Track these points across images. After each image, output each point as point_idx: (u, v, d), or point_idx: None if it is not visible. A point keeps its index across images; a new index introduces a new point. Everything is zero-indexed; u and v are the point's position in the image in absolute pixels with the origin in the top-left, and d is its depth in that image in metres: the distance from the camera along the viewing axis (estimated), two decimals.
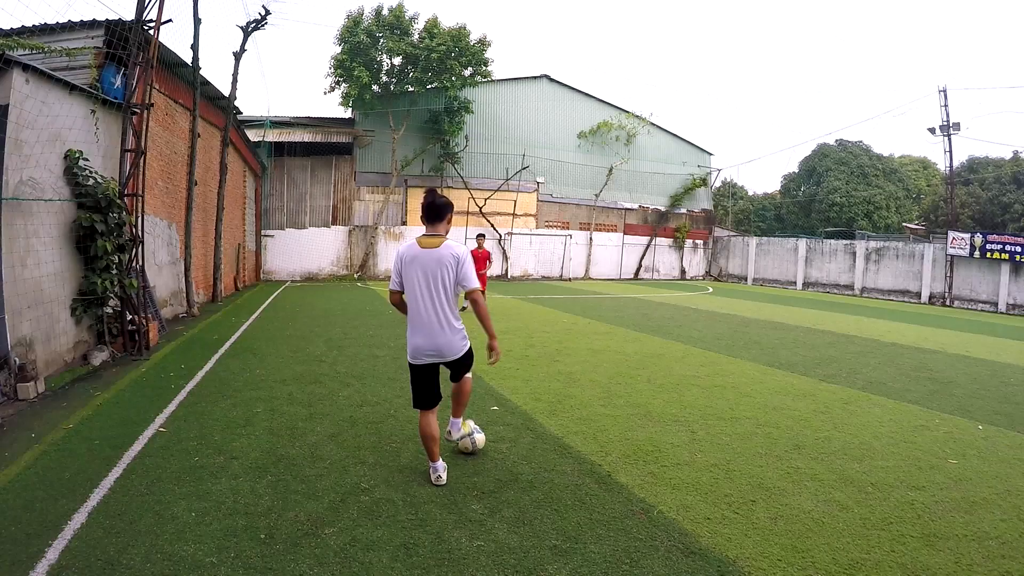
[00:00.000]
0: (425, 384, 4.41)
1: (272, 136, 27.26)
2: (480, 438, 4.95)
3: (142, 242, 9.11)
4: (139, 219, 9.16)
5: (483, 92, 30.27)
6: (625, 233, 35.44)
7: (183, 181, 13.53)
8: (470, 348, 4.56)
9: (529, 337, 11.42)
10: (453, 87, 26.57)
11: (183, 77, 13.55)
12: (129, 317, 8.80)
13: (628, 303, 19.95)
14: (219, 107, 17.03)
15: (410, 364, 4.43)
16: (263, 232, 27.08)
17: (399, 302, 4.46)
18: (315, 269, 27.87)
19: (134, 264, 8.96)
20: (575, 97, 34.00)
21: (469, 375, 4.75)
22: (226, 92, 16.50)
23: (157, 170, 12.23)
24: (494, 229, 30.59)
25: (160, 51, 11.11)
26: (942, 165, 58.43)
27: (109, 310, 8.58)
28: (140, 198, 9.15)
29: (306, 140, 27.79)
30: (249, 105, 40.90)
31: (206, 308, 14.86)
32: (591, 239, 33.98)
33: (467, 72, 27.42)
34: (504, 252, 31.25)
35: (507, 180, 30.55)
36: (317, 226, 28.23)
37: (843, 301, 26.92)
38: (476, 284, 4.38)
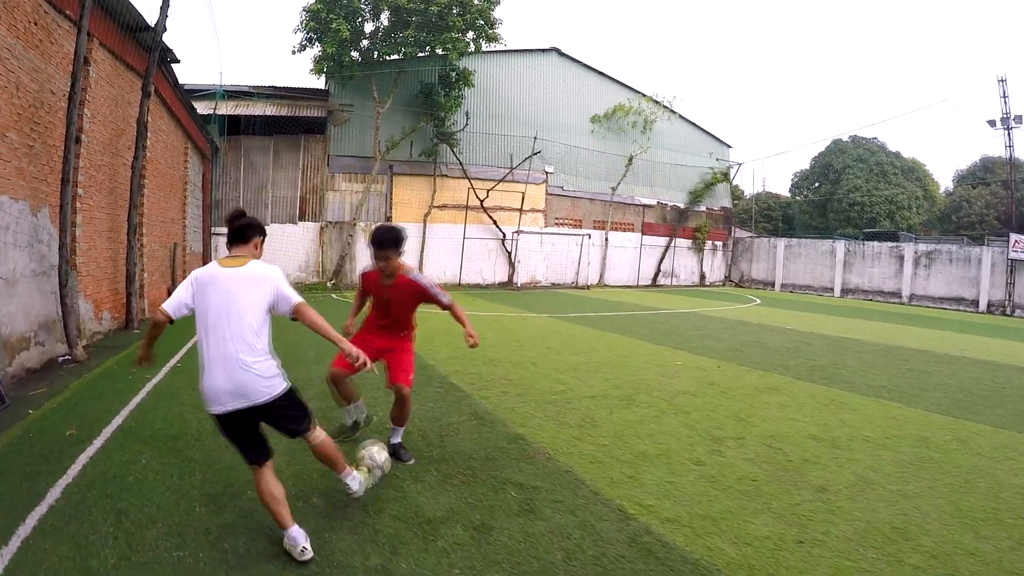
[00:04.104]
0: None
1: (226, 108, 21.83)
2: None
3: None
4: None
5: (484, 64, 25.17)
6: (643, 233, 30.69)
7: (63, 139, 8.21)
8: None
9: (674, 407, 6.54)
10: (456, 49, 21.37)
11: None
12: None
13: (701, 322, 15.37)
14: (142, 45, 11.69)
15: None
16: (213, 229, 21.61)
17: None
18: None
19: None
20: (587, 76, 29.12)
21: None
22: (152, 20, 11.18)
23: (7, 113, 6.97)
24: (497, 228, 25.48)
25: None
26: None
27: None
28: None
29: (269, 114, 22.40)
30: (196, 70, 34.85)
31: (109, 342, 9.53)
32: (607, 240, 29.13)
33: (469, 36, 22.33)
34: (510, 256, 26.16)
35: (514, 168, 25.45)
36: (281, 222, 22.77)
37: (904, 311, 23.39)
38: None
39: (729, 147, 34.75)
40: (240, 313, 3.13)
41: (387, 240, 4.46)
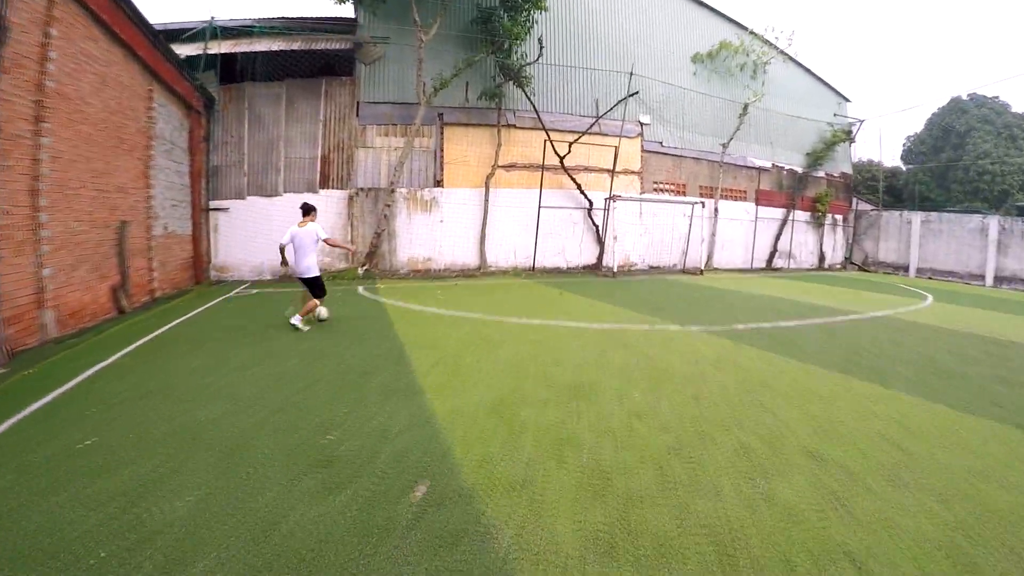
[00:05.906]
0: None
1: (220, 48, 16.24)
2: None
3: None
4: None
5: None
6: (758, 203, 24.24)
7: None
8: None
9: None
10: None
11: None
12: None
13: (939, 339, 9.53)
14: None
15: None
16: (210, 204, 16.10)
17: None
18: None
19: None
20: (684, 4, 22.67)
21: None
22: None
23: None
24: (582, 194, 19.34)
25: None
26: None
27: None
28: None
29: (277, 49, 16.74)
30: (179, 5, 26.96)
31: None
32: (716, 210, 22.79)
33: None
34: (598, 231, 19.95)
35: (603, 115, 19.28)
36: (297, 191, 17.04)
37: None
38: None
39: (848, 101, 28.09)
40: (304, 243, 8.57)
41: None
